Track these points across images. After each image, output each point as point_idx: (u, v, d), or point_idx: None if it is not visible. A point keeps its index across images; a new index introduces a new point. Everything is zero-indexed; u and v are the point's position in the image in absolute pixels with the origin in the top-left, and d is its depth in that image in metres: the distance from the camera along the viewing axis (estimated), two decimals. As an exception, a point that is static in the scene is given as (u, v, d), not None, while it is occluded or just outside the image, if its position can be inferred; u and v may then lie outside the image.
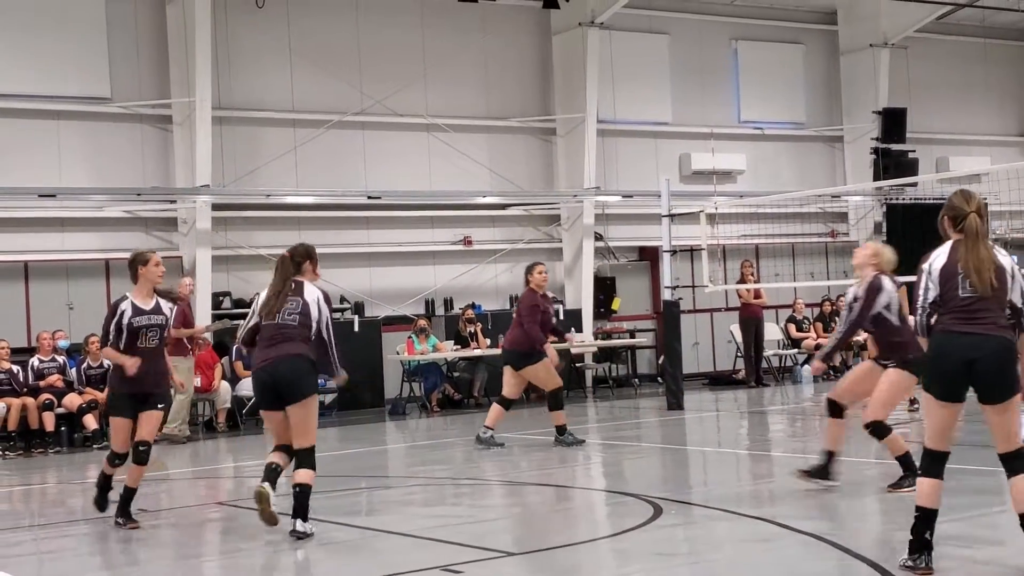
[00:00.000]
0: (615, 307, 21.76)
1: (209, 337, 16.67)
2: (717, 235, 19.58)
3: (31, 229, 17.66)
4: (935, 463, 6.25)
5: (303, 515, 8.03)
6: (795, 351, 21.60)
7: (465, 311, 19.28)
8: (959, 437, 6.62)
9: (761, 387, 19.95)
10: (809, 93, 24.54)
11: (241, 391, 16.98)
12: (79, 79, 17.89)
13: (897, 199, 23.40)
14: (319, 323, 8.30)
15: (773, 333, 21.69)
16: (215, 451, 14.98)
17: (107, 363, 15.87)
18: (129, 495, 8.86)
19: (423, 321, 18.70)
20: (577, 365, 20.67)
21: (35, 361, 15.65)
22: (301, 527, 8.00)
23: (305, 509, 8.03)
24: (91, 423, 15.21)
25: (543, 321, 12.77)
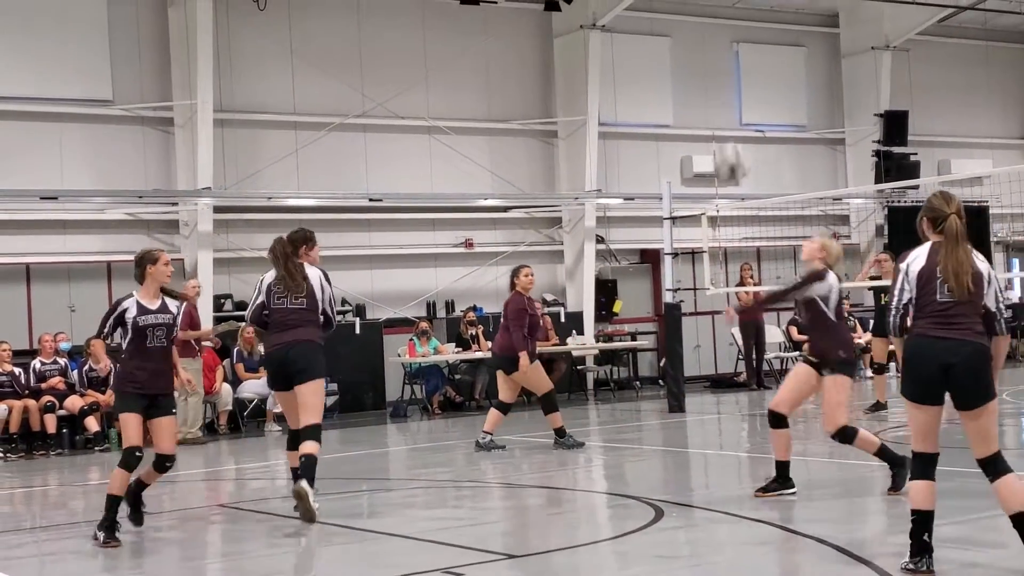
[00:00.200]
0: (616, 310, 21.78)
1: (216, 339, 16.65)
2: (718, 238, 19.59)
3: (33, 231, 17.68)
4: (924, 465, 6.23)
5: (311, 479, 8.49)
6: (796, 354, 21.55)
7: (466, 313, 19.29)
8: (959, 440, 6.61)
9: (763, 389, 19.93)
10: (811, 96, 24.55)
11: (243, 393, 16.99)
12: (81, 82, 17.92)
13: (899, 202, 23.41)
14: (323, 302, 8.88)
15: (774, 336, 21.68)
16: (217, 453, 14.97)
17: (108, 365, 15.93)
18: (140, 488, 8.62)
19: (424, 323, 18.70)
20: (578, 368, 20.68)
21: (37, 363, 15.67)
22: (306, 487, 8.42)
23: (311, 475, 8.50)
24: (93, 425, 15.23)
25: (531, 325, 12.64)
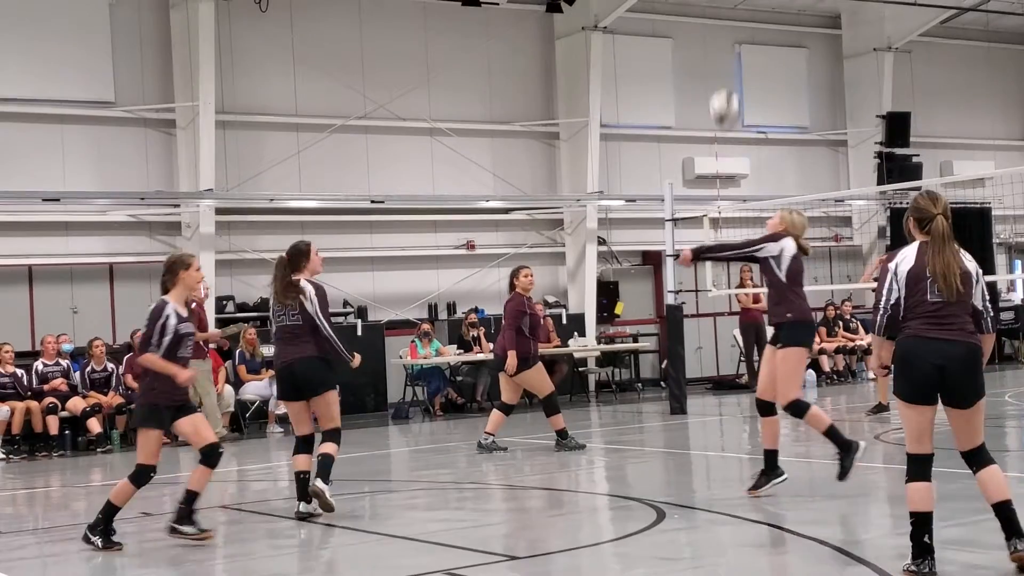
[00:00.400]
0: (618, 311, 21.78)
1: (224, 340, 16.61)
2: (720, 239, 19.57)
3: (35, 233, 17.69)
4: (919, 466, 6.21)
5: (324, 478, 8.89)
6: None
7: (468, 315, 19.29)
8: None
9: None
10: (813, 97, 24.55)
11: (244, 395, 16.99)
12: (83, 83, 17.94)
13: (901, 203, 23.37)
14: (315, 317, 8.90)
15: (776, 337, 21.62)
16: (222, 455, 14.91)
17: (111, 367, 15.94)
18: (193, 498, 8.33)
19: (426, 325, 18.71)
20: (580, 369, 20.68)
21: (39, 365, 15.68)
22: (321, 485, 8.84)
23: (327, 473, 8.92)
24: (95, 427, 15.24)
25: (532, 325, 12.65)
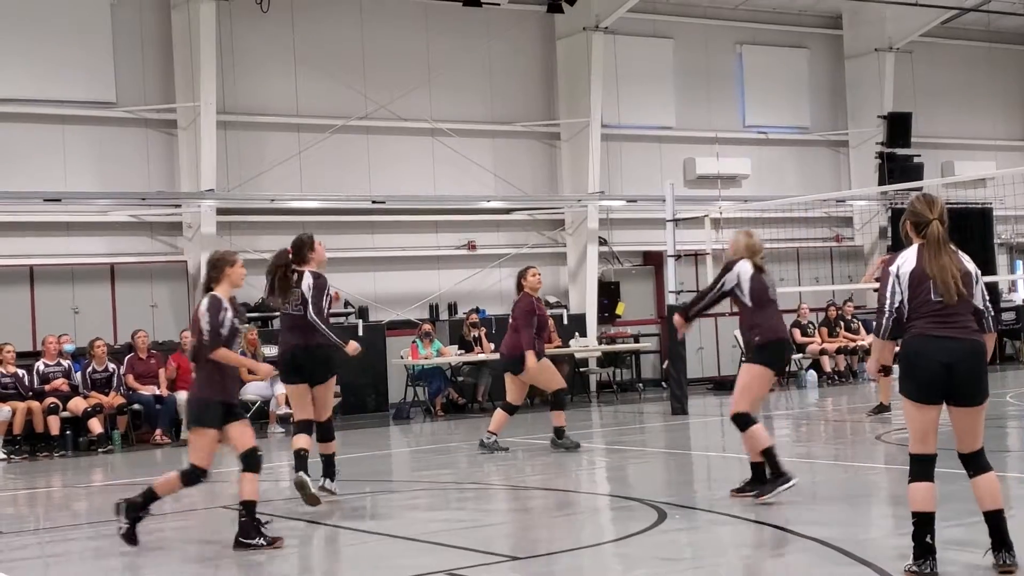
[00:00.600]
0: (619, 312, 21.77)
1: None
2: (721, 240, 19.53)
3: (36, 233, 17.69)
4: (922, 467, 6.22)
5: (331, 475, 9.50)
6: (800, 356, 21.54)
7: (469, 316, 19.28)
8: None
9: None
10: (814, 97, 24.54)
11: (245, 395, 16.96)
12: (84, 84, 17.94)
13: (902, 204, 23.36)
14: (304, 305, 9.28)
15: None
16: (219, 454, 14.89)
17: (112, 367, 15.93)
18: (251, 508, 8.16)
19: (427, 326, 18.70)
20: (581, 370, 20.66)
21: (40, 365, 15.68)
22: (329, 485, 9.44)
23: (332, 470, 9.51)
24: (96, 427, 15.24)
25: (539, 325, 12.66)
